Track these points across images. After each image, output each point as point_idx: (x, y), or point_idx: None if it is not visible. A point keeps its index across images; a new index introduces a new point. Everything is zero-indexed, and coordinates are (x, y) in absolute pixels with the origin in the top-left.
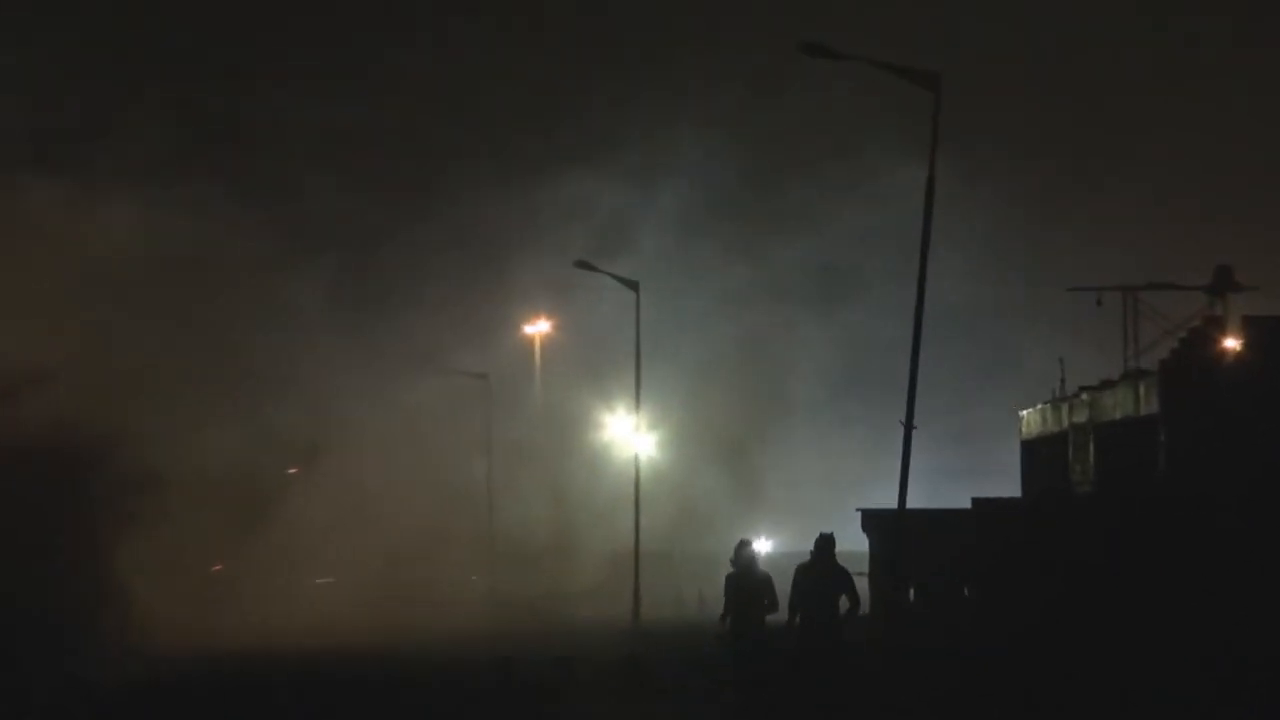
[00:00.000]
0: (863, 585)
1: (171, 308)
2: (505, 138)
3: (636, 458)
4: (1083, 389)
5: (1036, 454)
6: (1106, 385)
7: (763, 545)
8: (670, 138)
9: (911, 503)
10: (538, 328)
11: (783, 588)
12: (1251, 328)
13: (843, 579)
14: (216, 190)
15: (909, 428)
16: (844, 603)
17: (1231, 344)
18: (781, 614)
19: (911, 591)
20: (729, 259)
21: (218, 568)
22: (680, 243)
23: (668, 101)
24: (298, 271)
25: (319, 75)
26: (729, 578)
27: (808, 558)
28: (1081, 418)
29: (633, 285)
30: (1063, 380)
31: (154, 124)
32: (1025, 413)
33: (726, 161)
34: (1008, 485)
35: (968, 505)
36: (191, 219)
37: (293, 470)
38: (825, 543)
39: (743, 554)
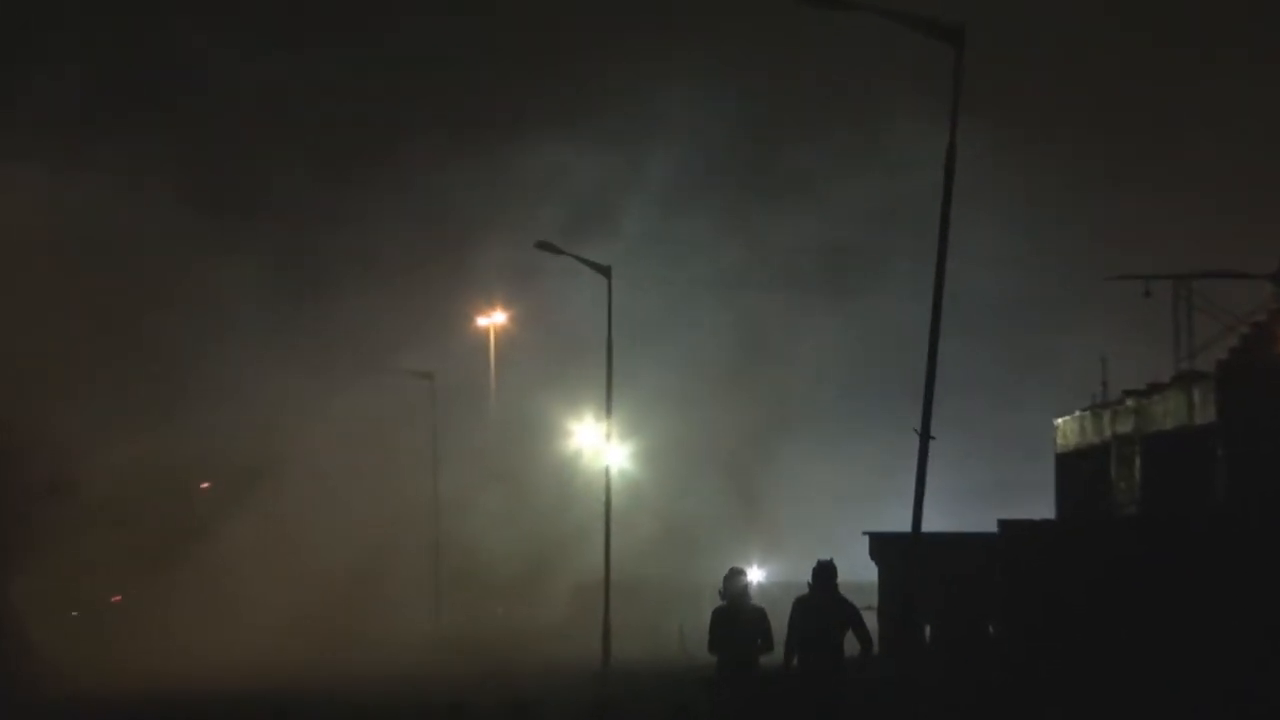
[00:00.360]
0: (871, 621)
1: (74, 294)
2: (465, 98)
3: (607, 471)
4: (1127, 394)
5: (1074, 469)
6: (1155, 389)
7: (754, 574)
8: (658, 97)
9: (929, 524)
10: (492, 320)
11: (778, 623)
12: None
13: (848, 613)
14: (128, 158)
15: (925, 437)
16: (851, 640)
17: None
18: (777, 655)
19: (927, 629)
20: (723, 239)
21: (117, 599)
22: (666, 220)
23: (656, 55)
24: (223, 255)
25: (248, 24)
26: (716, 612)
27: (805, 589)
28: (1126, 427)
29: (604, 270)
30: (1104, 384)
31: (57, 81)
32: (1061, 421)
33: (722, 126)
34: (1042, 505)
35: (993, 528)
36: (100, 192)
37: (205, 485)
38: (825, 572)
39: (733, 584)
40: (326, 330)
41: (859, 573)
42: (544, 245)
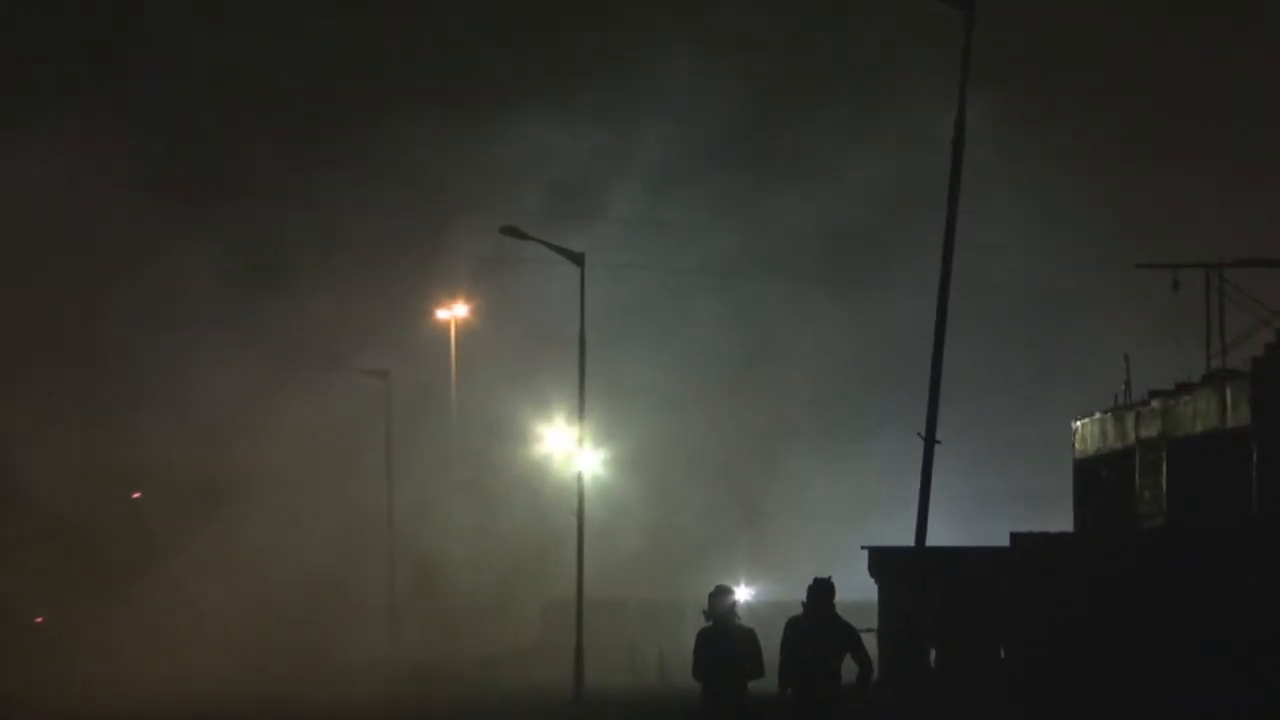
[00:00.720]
0: (871, 644)
1: (6, 281)
2: (440, 66)
3: (579, 478)
4: (1153, 394)
5: (1094, 477)
6: (1184, 389)
7: (742, 592)
8: (649, 67)
9: (939, 538)
10: (453, 313)
11: (770, 647)
12: None
13: (846, 636)
14: (79, 137)
15: (930, 442)
16: (849, 665)
17: None
18: (769, 682)
19: (933, 653)
20: (718, 224)
21: (39, 620)
22: (657, 205)
23: (648, 20)
24: (175, 241)
25: None
26: (701, 634)
27: (799, 609)
28: (1152, 431)
29: (576, 258)
30: (1127, 383)
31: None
32: (1079, 424)
33: (719, 102)
34: (1061, 516)
35: (1006, 541)
36: (32, 167)
37: (137, 495)
38: (822, 590)
39: (719, 604)
40: (280, 325)
41: (859, 591)
42: (510, 231)
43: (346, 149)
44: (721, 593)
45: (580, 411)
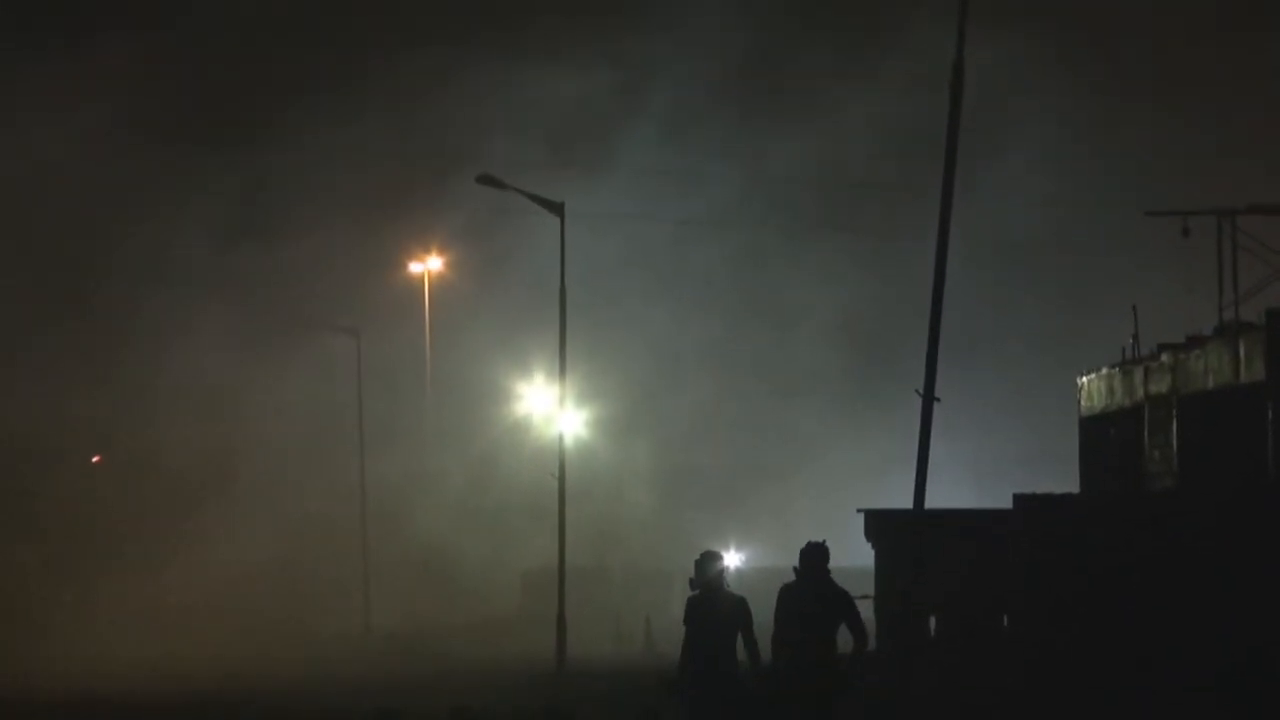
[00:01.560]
0: (868, 611)
1: None
2: (430, 17)
3: (561, 440)
4: (1163, 348)
5: (1101, 436)
6: (1195, 343)
7: (732, 558)
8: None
9: (946, 500)
10: (427, 266)
11: (762, 615)
12: None
13: (841, 603)
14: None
15: (929, 399)
16: (844, 635)
17: None
18: (762, 649)
19: (932, 621)
20: (718, 171)
21: None
22: (655, 151)
23: None
24: (131, 186)
25: None
26: (691, 602)
27: (792, 575)
28: (1161, 387)
29: (556, 208)
30: (1135, 336)
31: None
32: (1086, 380)
33: (716, 42)
34: (1067, 476)
35: (1009, 503)
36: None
37: (97, 459)
38: (815, 554)
39: (707, 569)
40: (262, 281)
41: (863, 556)
42: (487, 180)
43: (342, 94)
44: (708, 558)
45: (561, 370)
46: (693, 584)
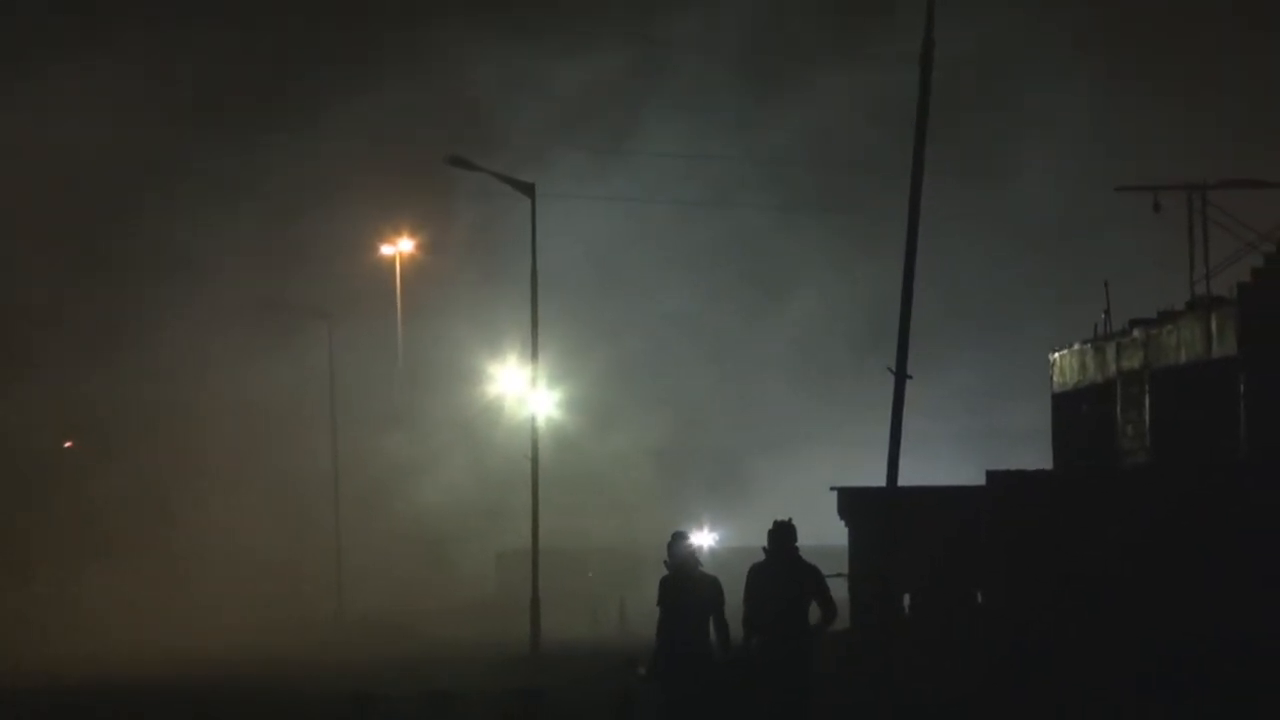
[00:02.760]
0: (841, 590)
1: None
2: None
3: (534, 421)
4: (1135, 323)
5: (1073, 411)
6: (1167, 318)
7: (705, 537)
8: None
9: (922, 477)
10: (398, 248)
11: (736, 596)
12: None
13: (810, 579)
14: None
15: (901, 376)
16: (815, 612)
17: None
18: (734, 630)
19: (906, 598)
20: (706, 149)
21: None
22: (630, 124)
23: None
24: (106, 170)
25: None
26: (664, 582)
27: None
28: (1134, 362)
29: (526, 189)
30: (1107, 311)
31: None
32: (1058, 356)
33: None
34: (1043, 453)
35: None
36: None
37: (69, 445)
38: (782, 532)
39: (677, 550)
40: (224, 259)
41: (833, 535)
42: (457, 161)
43: (344, 73)
44: (678, 538)
45: (533, 351)
46: (667, 565)
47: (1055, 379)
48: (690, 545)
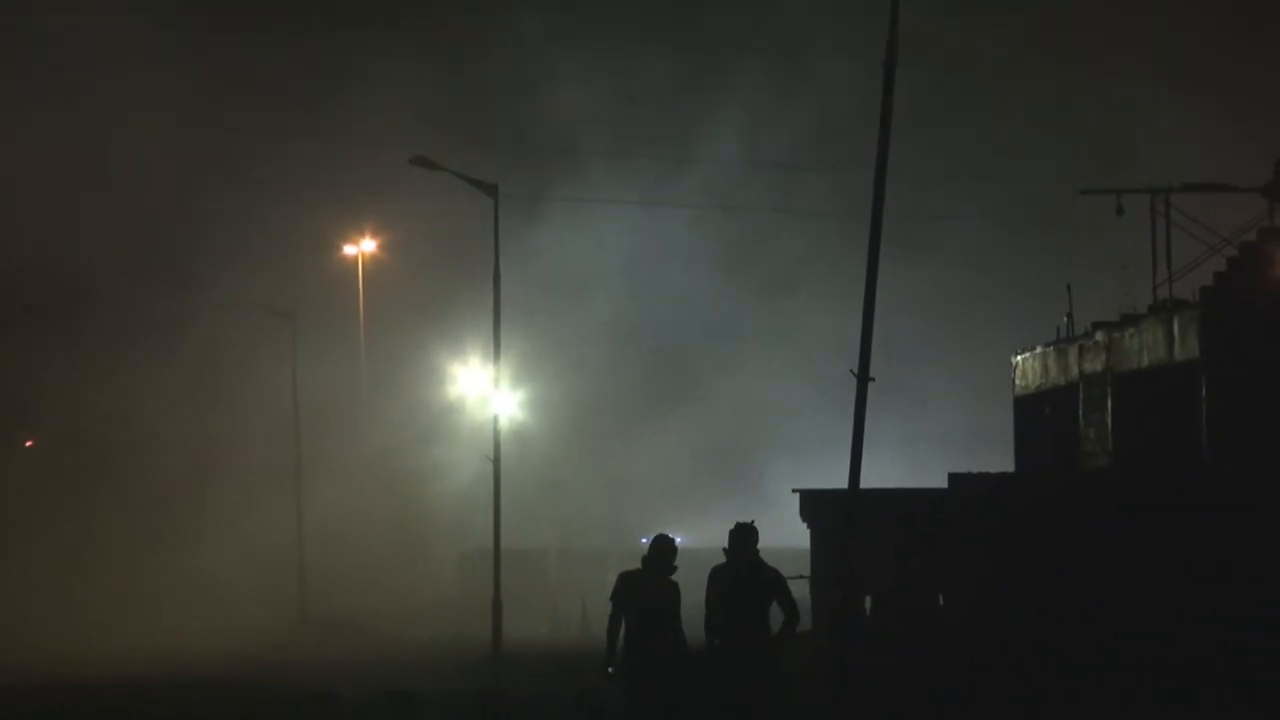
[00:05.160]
0: (802, 591)
1: None
2: None
3: (495, 421)
4: (1097, 326)
5: (1035, 414)
6: (1129, 321)
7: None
8: None
9: (886, 480)
10: (360, 248)
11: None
12: None
13: (771, 582)
14: None
15: (863, 379)
16: (775, 615)
17: None
18: (692, 632)
19: (868, 601)
20: (690, 150)
21: None
22: (602, 107)
23: None
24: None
25: None
26: (621, 578)
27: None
28: (1096, 365)
29: (489, 190)
30: (1069, 314)
31: None
32: (1020, 358)
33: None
34: (1005, 455)
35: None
36: None
37: (30, 443)
38: (744, 535)
39: (657, 549)
40: (175, 255)
41: (795, 538)
42: (420, 161)
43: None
44: (661, 541)
45: (495, 353)
46: (643, 563)
47: (1017, 382)
48: (670, 543)
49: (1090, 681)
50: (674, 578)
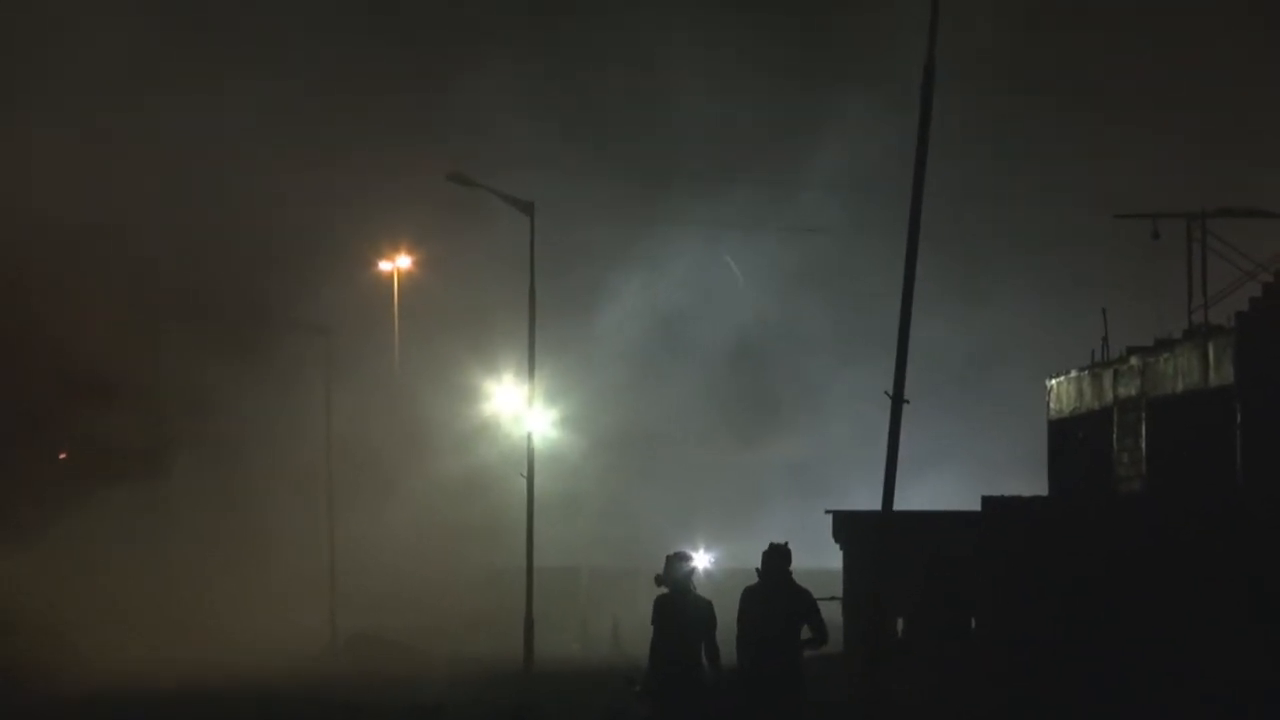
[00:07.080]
0: (834, 613)
1: None
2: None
3: (530, 439)
4: (1132, 350)
5: (1070, 438)
6: (1164, 345)
7: (701, 559)
8: None
9: (925, 503)
10: (396, 264)
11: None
12: None
13: (803, 604)
14: None
15: (898, 401)
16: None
17: None
18: (727, 654)
19: (899, 623)
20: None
21: None
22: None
23: None
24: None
25: None
26: (659, 601)
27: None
28: (1130, 389)
29: (525, 207)
30: (1105, 339)
31: None
32: (1054, 382)
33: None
34: (1039, 480)
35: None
36: None
37: (63, 456)
38: (777, 556)
39: (675, 570)
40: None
41: (827, 558)
42: (457, 178)
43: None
44: (678, 559)
45: (530, 370)
46: (659, 581)
47: (1052, 406)
48: (688, 566)
49: (1122, 706)
50: (707, 596)
